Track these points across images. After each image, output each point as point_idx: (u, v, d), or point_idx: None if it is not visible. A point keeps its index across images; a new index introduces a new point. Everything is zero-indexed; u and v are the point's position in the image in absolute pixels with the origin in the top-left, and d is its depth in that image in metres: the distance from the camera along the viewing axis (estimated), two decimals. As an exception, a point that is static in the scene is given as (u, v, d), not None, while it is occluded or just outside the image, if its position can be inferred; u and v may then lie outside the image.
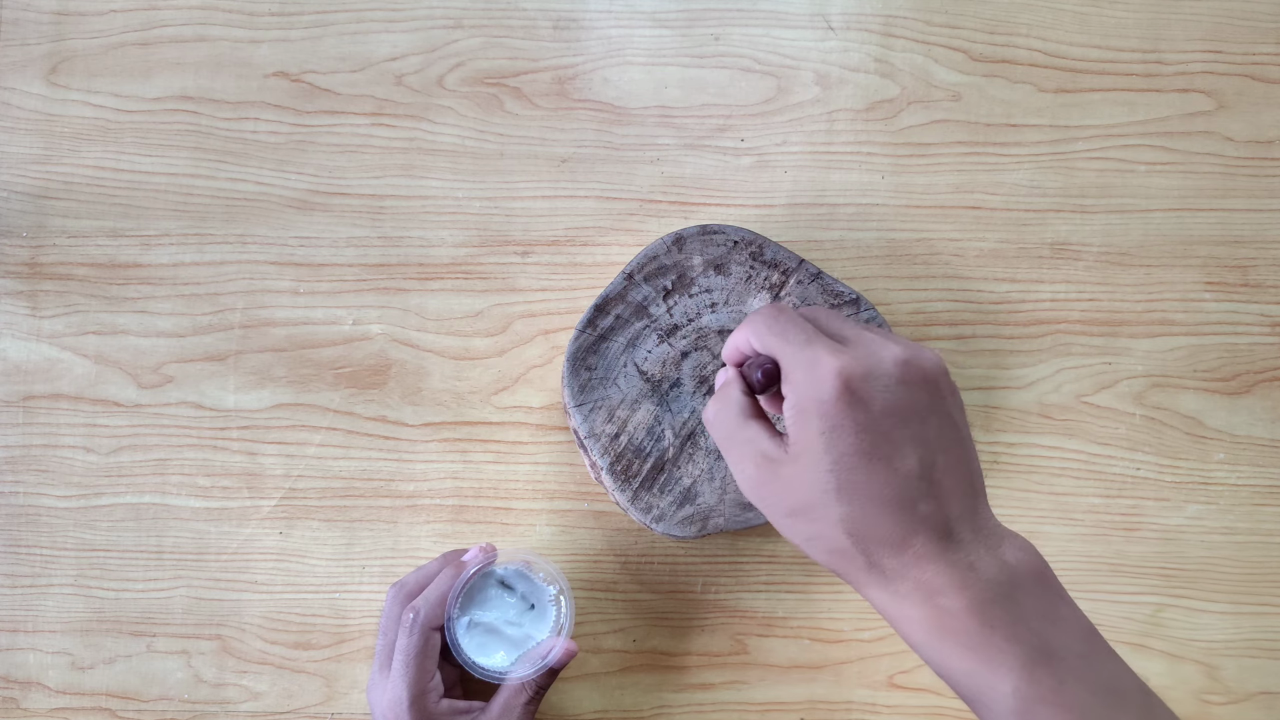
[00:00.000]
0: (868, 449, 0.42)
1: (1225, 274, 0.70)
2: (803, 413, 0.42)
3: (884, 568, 0.42)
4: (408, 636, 0.59)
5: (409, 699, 0.58)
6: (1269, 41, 0.71)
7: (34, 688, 0.67)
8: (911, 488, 0.42)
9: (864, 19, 0.70)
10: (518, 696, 0.60)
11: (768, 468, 0.44)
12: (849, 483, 0.42)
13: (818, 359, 0.42)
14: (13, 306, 0.69)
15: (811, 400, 0.42)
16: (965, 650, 0.41)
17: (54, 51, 0.69)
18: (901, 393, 0.42)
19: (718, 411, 0.47)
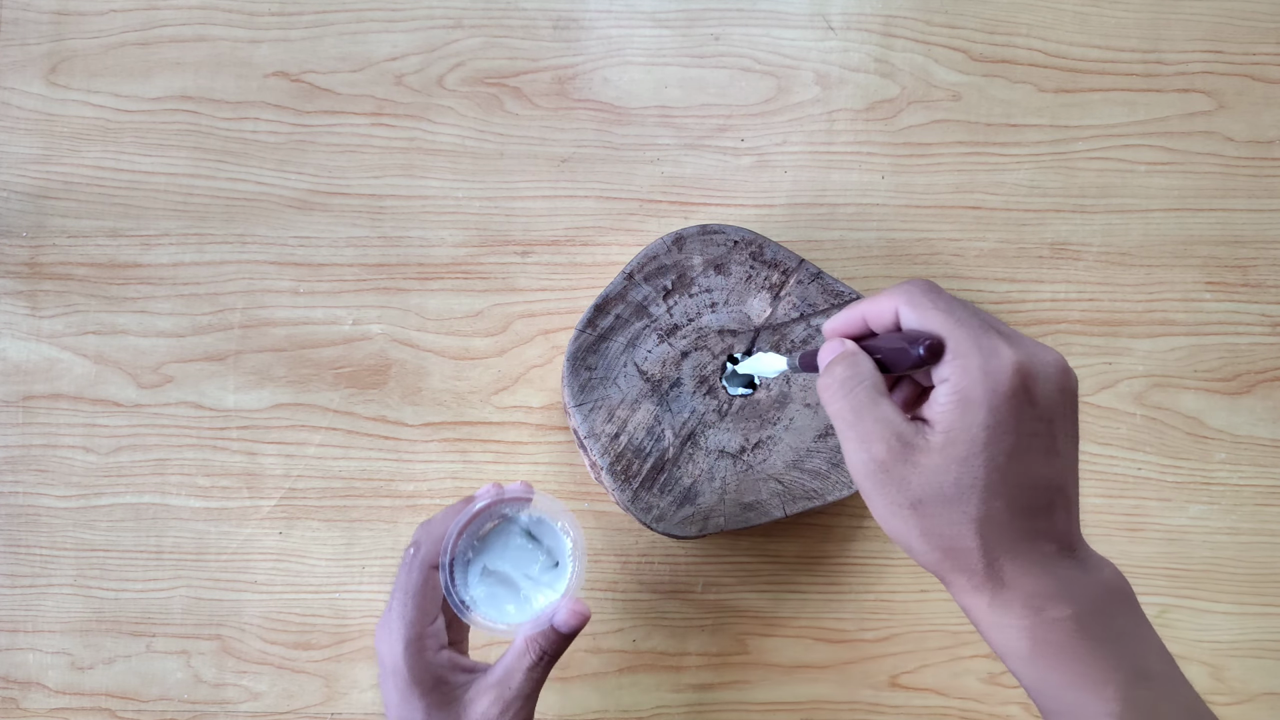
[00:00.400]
0: (1024, 451, 0.40)
1: (1225, 274, 0.70)
2: (968, 401, 0.40)
3: (1001, 573, 0.41)
4: (406, 573, 0.54)
5: (404, 640, 0.53)
6: (1269, 41, 0.71)
7: (34, 688, 0.67)
8: (1051, 497, 0.41)
9: (864, 19, 0.70)
10: (520, 660, 0.54)
11: (901, 451, 0.41)
12: (998, 482, 0.40)
13: (996, 348, 0.40)
14: (13, 306, 0.69)
15: (983, 390, 0.40)
16: (1069, 663, 0.40)
17: (54, 51, 0.69)
18: (1059, 400, 0.41)
19: (845, 382, 0.43)
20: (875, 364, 0.43)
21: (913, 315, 0.42)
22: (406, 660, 0.53)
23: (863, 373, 0.43)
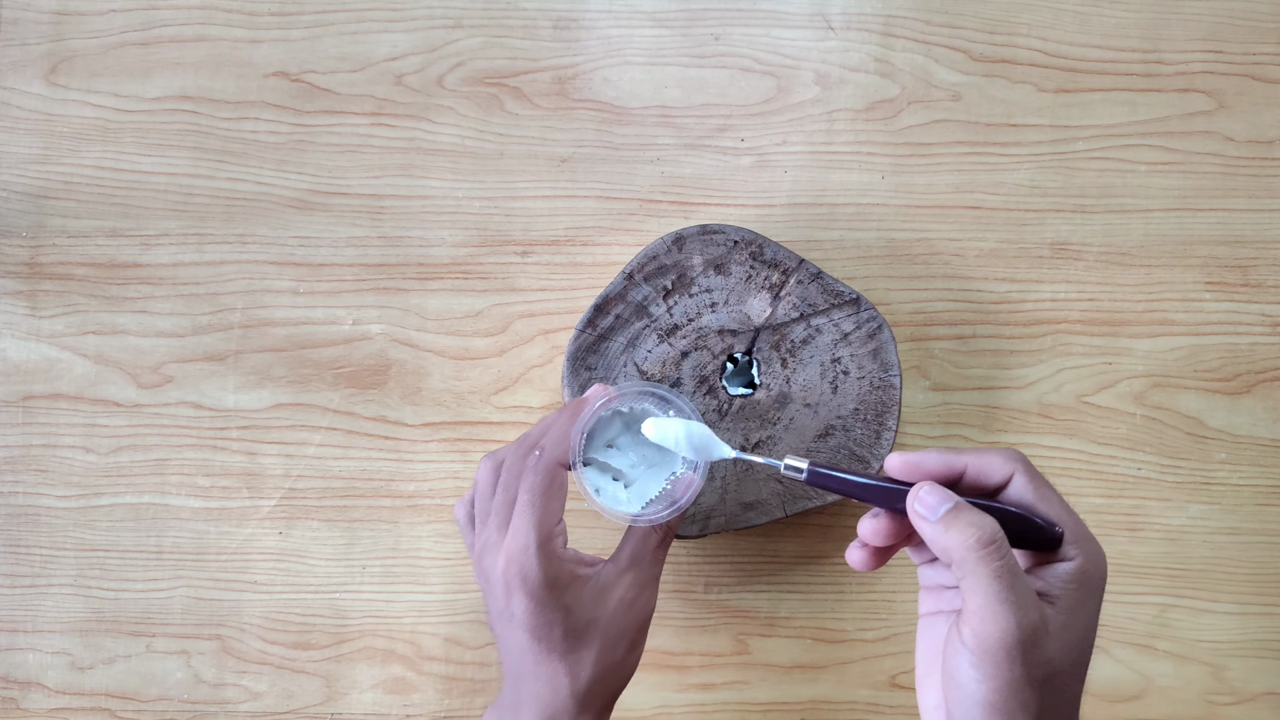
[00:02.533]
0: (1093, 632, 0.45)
1: (1225, 274, 0.70)
2: (1091, 583, 0.44)
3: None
4: (534, 474, 0.52)
5: (537, 541, 0.51)
6: (1269, 41, 0.71)
7: (34, 688, 0.67)
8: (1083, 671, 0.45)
9: (864, 19, 0.70)
10: (646, 542, 0.55)
11: (1044, 622, 0.43)
12: (1085, 659, 0.44)
13: (1092, 536, 0.45)
14: (13, 306, 0.69)
15: (1099, 575, 0.44)
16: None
17: (54, 51, 0.69)
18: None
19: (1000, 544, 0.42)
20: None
21: (1030, 489, 0.44)
22: (541, 562, 0.51)
23: (1002, 534, 0.43)
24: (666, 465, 0.56)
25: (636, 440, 0.57)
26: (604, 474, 0.56)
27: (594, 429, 0.56)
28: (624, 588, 0.54)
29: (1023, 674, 0.41)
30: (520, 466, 0.54)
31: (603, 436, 0.57)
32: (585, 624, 0.52)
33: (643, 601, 0.54)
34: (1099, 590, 0.44)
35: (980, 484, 0.45)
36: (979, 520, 0.42)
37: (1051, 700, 0.42)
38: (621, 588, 0.54)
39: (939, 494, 0.43)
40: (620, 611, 0.53)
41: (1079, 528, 0.44)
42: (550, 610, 0.51)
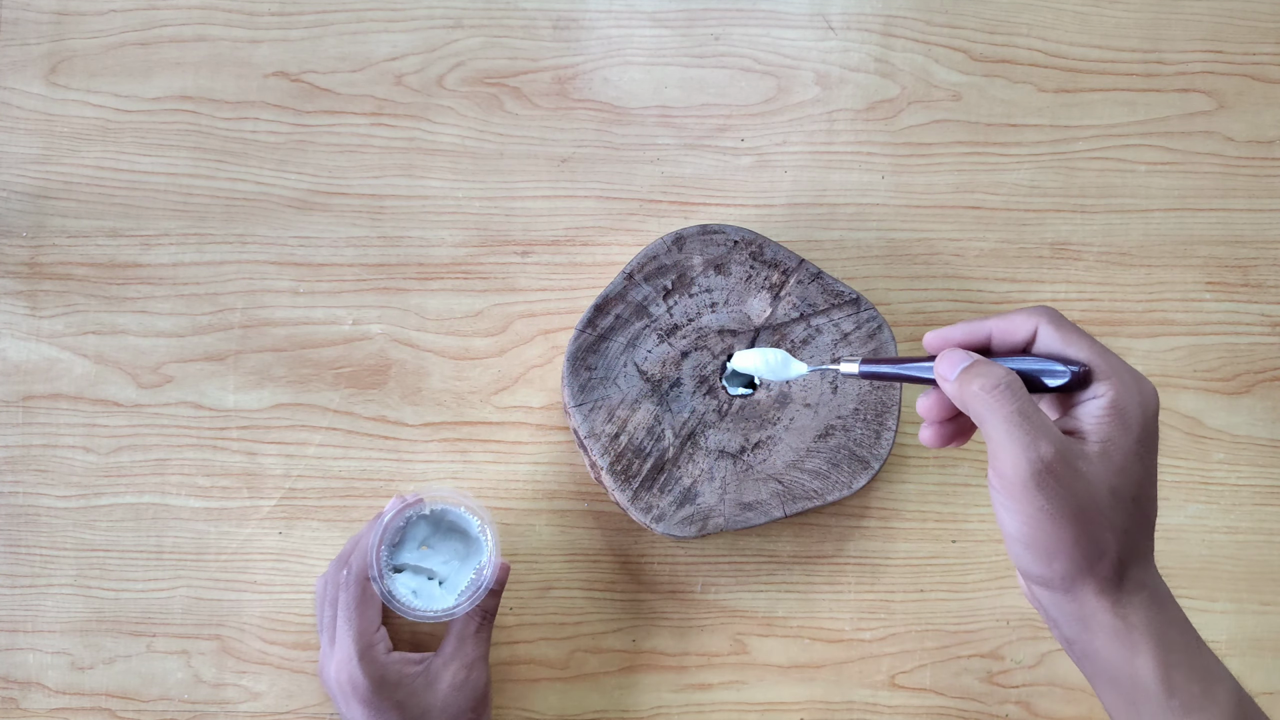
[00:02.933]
0: (1152, 471, 0.43)
1: (1225, 274, 0.70)
2: (1126, 416, 0.42)
3: (1126, 579, 0.43)
4: (345, 591, 0.60)
5: (358, 651, 0.59)
6: (1269, 41, 0.71)
7: (34, 688, 0.67)
8: (1154, 514, 0.45)
9: (864, 19, 0.70)
10: (467, 626, 0.62)
11: (1067, 454, 0.41)
12: (1143, 495, 0.43)
13: (1139, 376, 0.44)
14: (13, 306, 0.69)
15: (1137, 407, 0.42)
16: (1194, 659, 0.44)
17: (54, 51, 0.69)
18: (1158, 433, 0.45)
19: (1008, 385, 0.43)
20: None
21: (1056, 337, 0.44)
22: (365, 670, 0.58)
23: (1015, 380, 0.43)
24: (475, 555, 0.63)
25: (445, 538, 0.64)
26: (419, 575, 0.63)
27: (404, 535, 0.63)
28: (452, 672, 0.60)
29: (1047, 506, 0.41)
30: (336, 583, 0.61)
31: (414, 540, 0.63)
32: (420, 713, 0.59)
33: (474, 680, 0.61)
34: (1140, 424, 0.42)
35: (1009, 344, 0.46)
36: (988, 370, 0.43)
37: (1091, 532, 0.42)
38: (450, 672, 0.60)
39: (955, 356, 0.45)
40: (453, 694, 0.60)
41: (1113, 365, 0.43)
42: (384, 710, 0.58)
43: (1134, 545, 0.43)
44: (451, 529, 0.64)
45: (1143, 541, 0.44)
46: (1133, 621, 0.43)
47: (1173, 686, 0.43)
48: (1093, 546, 0.42)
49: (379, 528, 0.61)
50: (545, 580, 0.69)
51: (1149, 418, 0.43)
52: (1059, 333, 0.44)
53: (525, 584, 0.68)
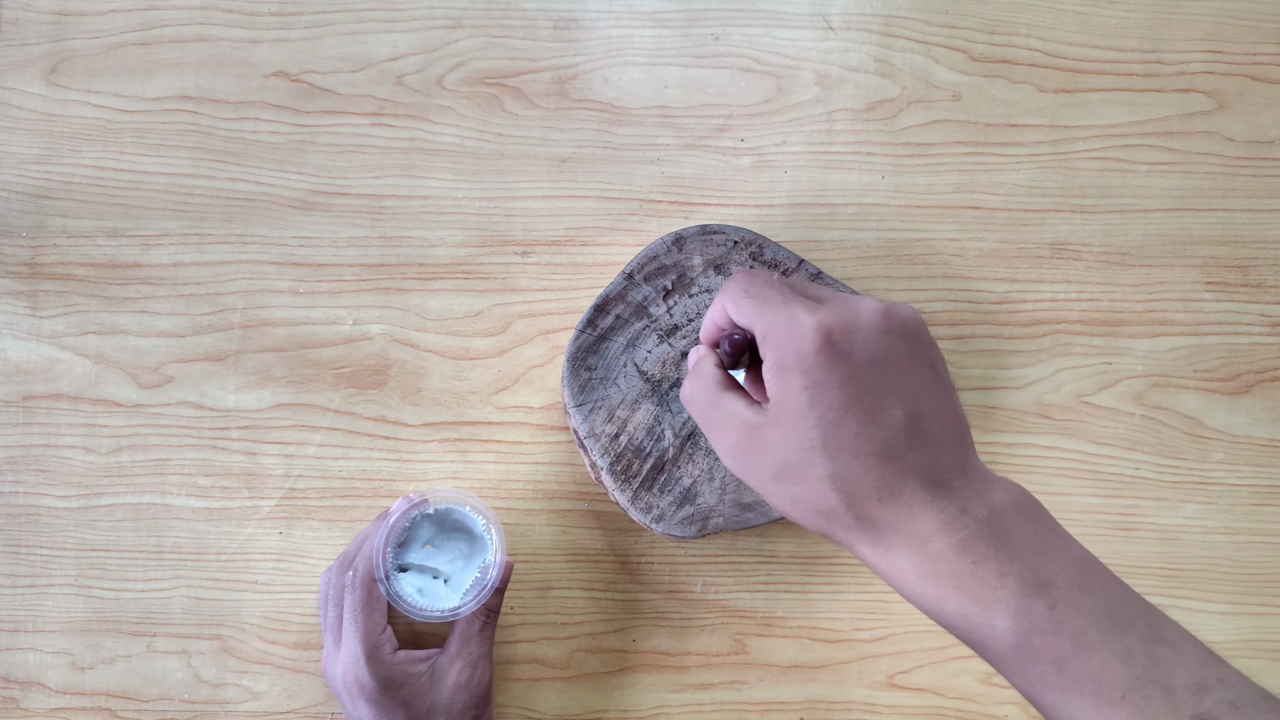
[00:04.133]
0: (852, 401, 0.41)
1: (1225, 274, 0.70)
2: (784, 370, 0.42)
3: (874, 522, 0.41)
4: (351, 593, 0.61)
5: (364, 653, 0.59)
6: (1269, 41, 0.71)
7: (34, 688, 0.67)
8: (899, 438, 0.41)
9: (864, 19, 0.70)
10: (471, 625, 0.62)
11: (749, 433, 0.43)
12: (835, 437, 0.41)
13: (796, 316, 0.42)
14: (13, 306, 0.69)
15: (793, 356, 0.42)
16: (957, 592, 0.40)
17: (54, 51, 0.69)
18: (883, 343, 0.42)
19: (693, 388, 0.46)
20: (718, 365, 0.47)
21: (732, 310, 0.45)
22: (371, 670, 0.59)
23: (706, 374, 0.46)
24: (480, 554, 0.63)
25: (450, 538, 0.64)
26: (424, 574, 0.63)
27: (408, 536, 0.63)
28: (457, 670, 0.61)
29: (754, 481, 0.44)
30: (340, 584, 0.62)
31: (419, 539, 0.63)
32: (426, 711, 0.60)
33: (478, 678, 0.61)
34: (800, 369, 0.41)
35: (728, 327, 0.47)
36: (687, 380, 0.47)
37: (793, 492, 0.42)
38: (455, 671, 0.61)
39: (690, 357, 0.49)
40: (458, 692, 0.61)
41: (769, 321, 0.43)
42: (390, 709, 0.59)
43: (859, 488, 0.41)
44: (455, 528, 0.64)
45: (875, 480, 0.41)
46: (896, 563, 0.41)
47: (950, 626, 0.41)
48: (809, 503, 0.42)
49: (385, 528, 0.61)
50: (545, 580, 0.69)
51: (811, 359, 0.41)
52: (733, 306, 0.45)
53: (526, 584, 0.68)
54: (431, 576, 0.63)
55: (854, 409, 0.41)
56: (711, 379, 0.46)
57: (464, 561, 0.64)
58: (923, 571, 0.41)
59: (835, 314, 0.42)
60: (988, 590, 0.40)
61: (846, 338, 0.42)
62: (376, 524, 0.63)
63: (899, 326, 0.43)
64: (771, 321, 0.43)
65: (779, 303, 0.43)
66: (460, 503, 0.63)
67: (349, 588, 0.61)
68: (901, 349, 0.43)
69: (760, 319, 0.43)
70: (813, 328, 0.41)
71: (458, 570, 0.64)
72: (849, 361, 0.41)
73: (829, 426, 0.41)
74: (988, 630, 0.40)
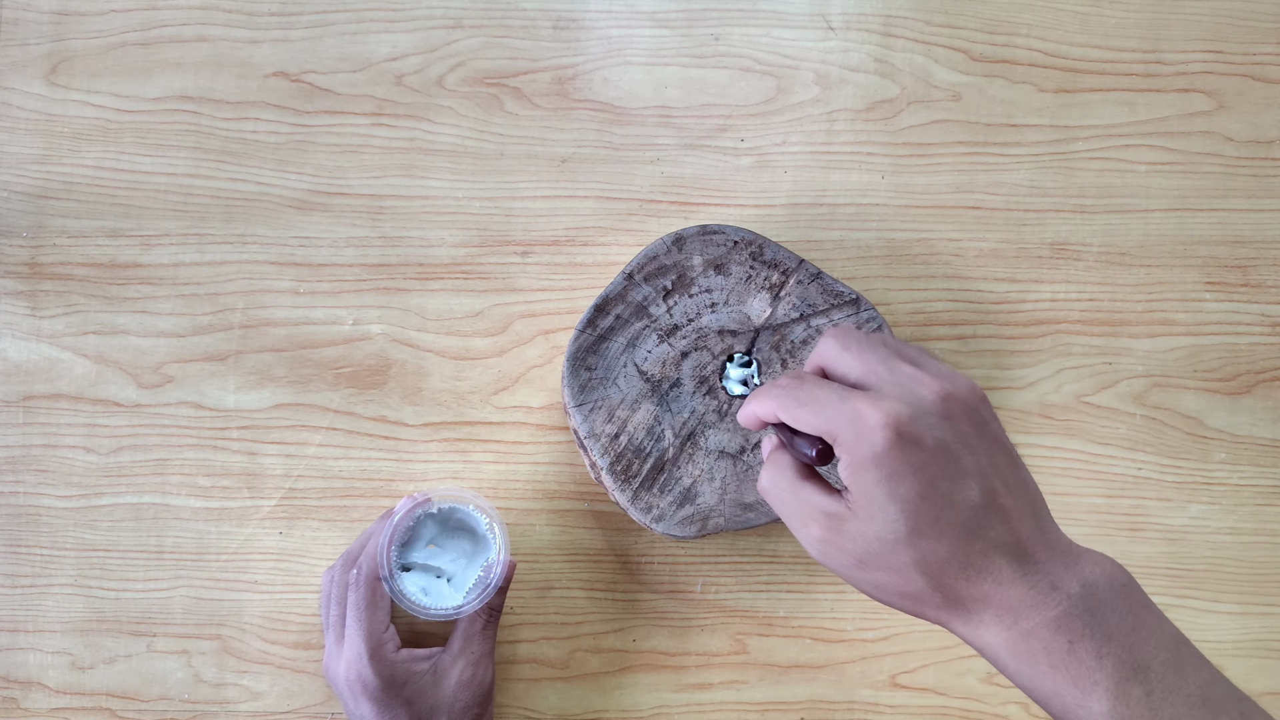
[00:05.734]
0: (928, 489, 0.42)
1: (1225, 274, 0.70)
2: (859, 468, 0.42)
3: (962, 599, 0.42)
4: (354, 591, 0.61)
5: (368, 651, 0.59)
6: (1269, 41, 0.71)
7: (34, 688, 0.67)
8: (978, 517, 0.42)
9: (864, 19, 0.70)
10: (473, 624, 0.63)
11: (831, 524, 0.43)
12: (916, 525, 0.42)
13: (859, 413, 0.42)
14: (13, 306, 0.69)
15: (865, 454, 0.42)
16: (1052, 671, 0.41)
17: (54, 51, 0.69)
18: (949, 428, 0.42)
19: (771, 478, 0.47)
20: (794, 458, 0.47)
21: (786, 417, 0.45)
22: (374, 668, 0.59)
23: (783, 465, 0.46)
24: (483, 553, 0.64)
25: (454, 537, 0.64)
26: (427, 573, 0.63)
27: (412, 535, 0.63)
28: (459, 669, 0.61)
29: (842, 570, 0.44)
30: (344, 582, 0.62)
31: (422, 538, 0.64)
32: (429, 710, 0.60)
33: (480, 677, 0.62)
34: (873, 465, 0.41)
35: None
36: (763, 470, 0.48)
37: (878, 580, 0.43)
38: (457, 670, 0.61)
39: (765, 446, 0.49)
40: (460, 691, 0.61)
41: (836, 419, 0.43)
42: (393, 707, 0.59)
43: (945, 570, 0.42)
44: (458, 527, 0.64)
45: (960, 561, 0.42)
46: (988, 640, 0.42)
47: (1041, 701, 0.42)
48: (896, 587, 0.43)
49: (389, 527, 0.61)
50: (545, 580, 0.69)
51: (882, 454, 0.41)
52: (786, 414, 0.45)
53: (526, 584, 0.68)
54: (435, 576, 0.63)
55: (930, 496, 0.42)
56: (789, 468, 0.46)
57: (467, 561, 0.64)
58: (1015, 649, 0.41)
59: (899, 403, 0.42)
60: (1085, 672, 0.40)
61: (913, 426, 0.42)
62: (380, 523, 0.63)
63: (962, 410, 0.43)
64: (836, 424, 0.43)
65: (835, 403, 0.43)
66: (464, 502, 0.63)
67: (352, 586, 0.61)
68: (967, 430, 0.43)
69: (823, 423, 0.43)
70: (880, 424, 0.42)
71: (460, 569, 0.64)
72: (920, 449, 0.42)
73: (908, 516, 0.42)
74: (1083, 712, 0.40)
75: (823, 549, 0.44)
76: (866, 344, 0.45)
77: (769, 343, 0.64)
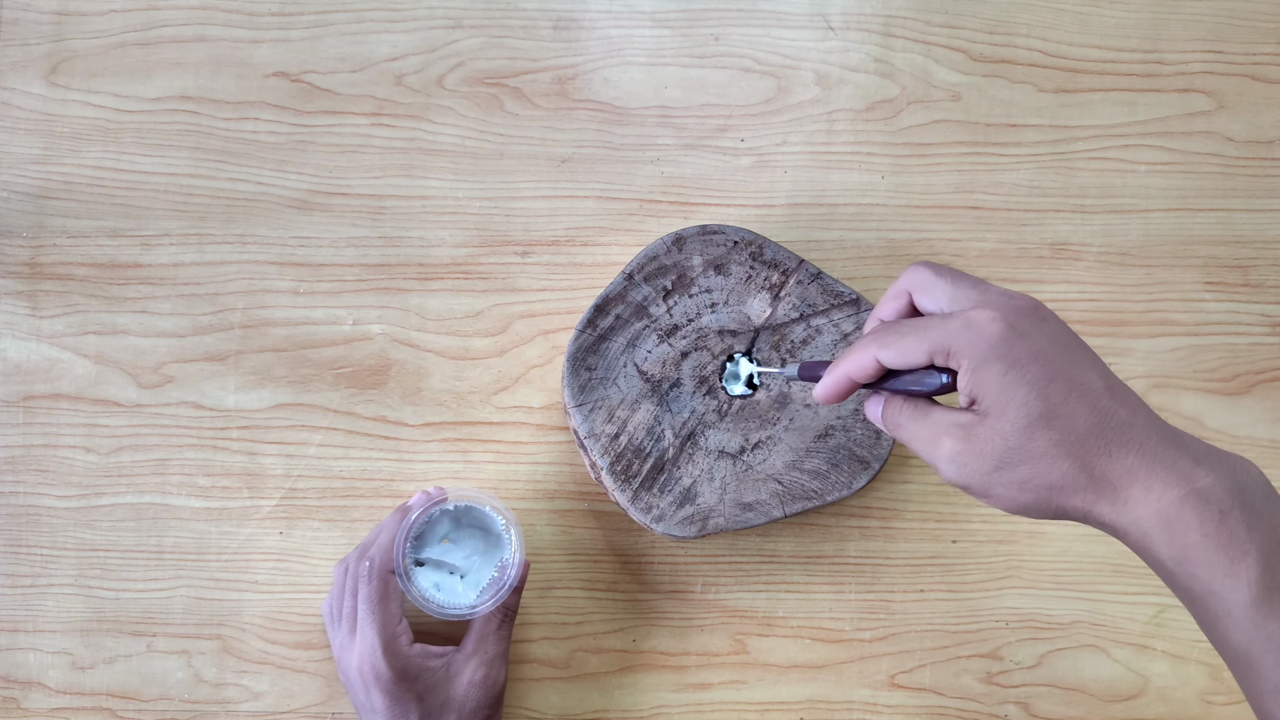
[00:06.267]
0: (1053, 372, 0.42)
1: (1225, 274, 0.70)
2: (980, 365, 0.43)
3: (1109, 477, 0.42)
4: (368, 584, 0.61)
5: (381, 644, 0.59)
6: (1269, 41, 0.71)
7: (34, 688, 0.67)
8: (1105, 397, 0.43)
9: (864, 19, 0.70)
10: (488, 624, 0.63)
11: (964, 435, 0.44)
12: (1049, 406, 0.42)
13: (969, 318, 0.43)
14: (13, 306, 0.69)
15: (982, 351, 0.42)
16: (1204, 539, 0.41)
17: (54, 51, 0.69)
18: (1048, 328, 0.44)
19: (896, 414, 0.47)
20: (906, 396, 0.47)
21: (892, 357, 0.46)
22: (388, 661, 0.59)
23: (903, 403, 0.47)
24: (496, 552, 0.63)
25: (467, 534, 0.64)
26: (440, 570, 0.63)
27: (425, 530, 0.63)
28: (473, 668, 0.61)
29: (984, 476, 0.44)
30: (357, 574, 0.62)
31: (436, 534, 0.64)
32: (440, 706, 0.60)
33: (493, 677, 0.62)
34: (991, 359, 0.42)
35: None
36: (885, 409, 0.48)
37: (1023, 478, 0.43)
38: (470, 669, 0.61)
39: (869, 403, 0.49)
40: (472, 690, 0.61)
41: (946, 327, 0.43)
42: (404, 701, 0.59)
43: (1087, 446, 0.42)
44: (473, 525, 0.64)
45: (1099, 437, 0.42)
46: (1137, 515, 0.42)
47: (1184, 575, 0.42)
48: (1041, 479, 0.43)
49: (406, 523, 0.61)
50: (546, 580, 0.69)
51: (999, 345, 0.42)
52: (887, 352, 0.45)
53: (526, 584, 0.68)
54: (448, 572, 0.63)
55: (1056, 378, 0.42)
56: (910, 402, 0.47)
57: (480, 559, 0.64)
58: (1167, 519, 0.41)
59: (1001, 302, 0.44)
60: (1236, 541, 0.41)
61: (1021, 320, 0.43)
62: (395, 517, 0.63)
63: (1052, 316, 0.45)
64: (947, 337, 0.43)
65: (939, 322, 0.44)
66: (480, 501, 0.63)
67: (364, 578, 0.61)
68: (1059, 328, 0.44)
69: (932, 342, 0.44)
70: (989, 318, 0.43)
71: (474, 567, 0.63)
72: (1033, 339, 0.43)
73: (1041, 397, 0.42)
74: (1230, 582, 0.41)
75: (960, 461, 0.44)
76: (955, 270, 0.46)
77: (769, 343, 0.64)
